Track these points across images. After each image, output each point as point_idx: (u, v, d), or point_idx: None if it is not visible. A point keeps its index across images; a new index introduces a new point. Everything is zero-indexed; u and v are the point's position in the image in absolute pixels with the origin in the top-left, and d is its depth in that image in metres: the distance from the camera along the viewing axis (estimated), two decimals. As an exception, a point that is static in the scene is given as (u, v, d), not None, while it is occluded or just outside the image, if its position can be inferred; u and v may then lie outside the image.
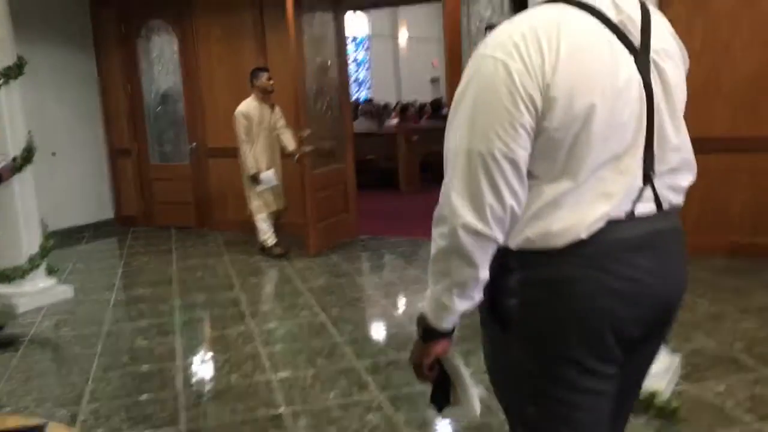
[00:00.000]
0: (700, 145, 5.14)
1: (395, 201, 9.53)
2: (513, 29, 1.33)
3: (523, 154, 1.32)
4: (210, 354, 4.31)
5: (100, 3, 8.24)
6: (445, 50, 5.67)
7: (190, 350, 4.40)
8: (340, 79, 7.18)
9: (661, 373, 3.32)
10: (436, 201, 1.40)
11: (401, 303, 5.23)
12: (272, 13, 7.09)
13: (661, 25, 1.47)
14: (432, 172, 10.42)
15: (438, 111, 13.07)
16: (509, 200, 1.33)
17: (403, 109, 12.74)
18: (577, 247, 1.36)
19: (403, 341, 4.28)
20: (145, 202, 8.45)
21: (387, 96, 16.89)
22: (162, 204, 8.35)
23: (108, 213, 8.58)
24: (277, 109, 6.59)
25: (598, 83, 1.31)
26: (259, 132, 6.43)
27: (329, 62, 7.00)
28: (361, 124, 10.72)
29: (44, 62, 7.47)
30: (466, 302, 1.42)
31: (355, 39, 17.15)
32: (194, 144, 7.97)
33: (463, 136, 1.34)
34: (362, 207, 7.53)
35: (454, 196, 1.35)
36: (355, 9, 14.68)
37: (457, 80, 1.46)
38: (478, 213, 1.33)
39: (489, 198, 1.32)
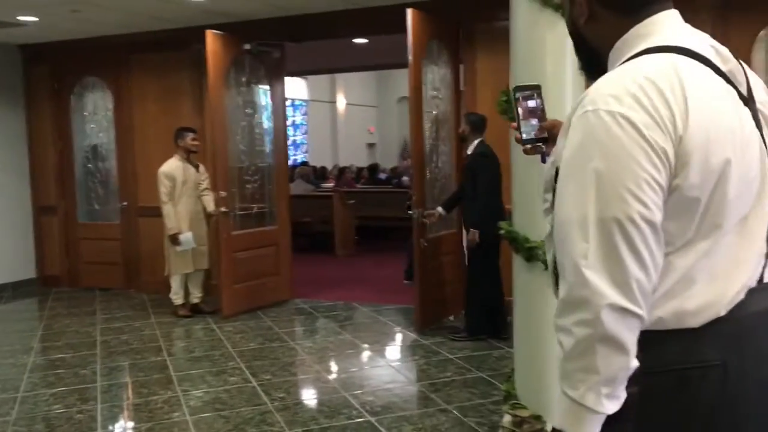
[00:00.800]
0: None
1: (330, 264, 9.48)
2: (624, 80, 1.18)
3: (660, 217, 1.15)
4: (132, 423, 4.13)
5: (33, 59, 8.11)
6: (410, 111, 5.83)
7: (112, 418, 4.21)
8: (276, 142, 7.22)
9: (592, 441, 3.35)
10: (371, 265, 1.36)
11: (334, 368, 5.15)
12: (211, 74, 7.11)
13: (754, 74, 1.35)
14: (367, 237, 10.48)
15: (374, 175, 13.25)
16: (653, 271, 1.15)
17: (340, 172, 12.85)
18: (715, 324, 1.19)
19: (336, 408, 4.20)
20: (70, 261, 8.16)
21: (324, 160, 17.02)
22: (88, 264, 8.07)
23: (30, 272, 8.23)
24: (202, 169, 6.62)
25: (729, 136, 1.19)
26: (183, 192, 6.43)
27: (264, 124, 7.09)
28: (298, 187, 10.73)
29: (-30, 115, 7.26)
30: (616, 403, 1.15)
31: (293, 102, 17.32)
32: (125, 203, 7.80)
33: (587, 204, 1.15)
34: (296, 269, 7.47)
35: (589, 274, 1.13)
36: (293, 75, 14.87)
37: (420, 141, 1.47)
38: (623, 289, 1.12)
39: (634, 270, 1.12)
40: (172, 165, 6.46)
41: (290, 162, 14.16)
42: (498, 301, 5.54)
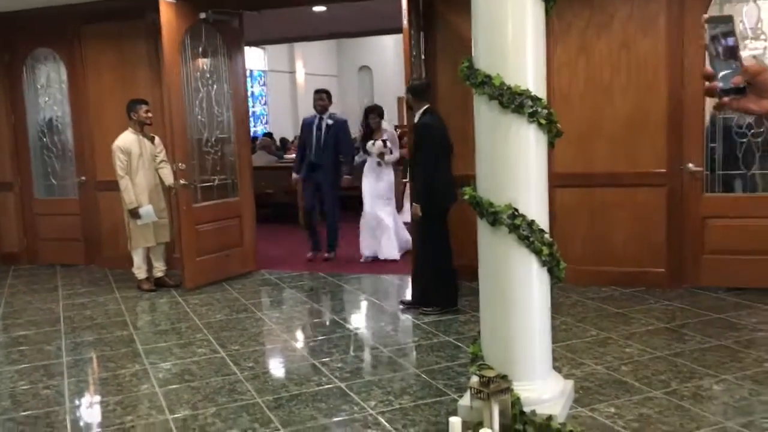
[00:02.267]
0: (584, 180, 5.50)
1: (294, 235, 9.44)
2: None
3: None
4: (100, 396, 4.11)
5: (-19, 30, 7.84)
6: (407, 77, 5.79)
7: (79, 393, 4.19)
8: (237, 113, 7.14)
9: (556, 398, 3.46)
10: (348, 235, 1.37)
11: (302, 337, 5.18)
12: (168, 44, 6.97)
13: None
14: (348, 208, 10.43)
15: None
16: None
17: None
18: None
19: (306, 375, 4.24)
20: (28, 238, 7.99)
21: (284, 131, 16.85)
22: (47, 240, 7.92)
23: (-14, 250, 8.05)
24: (158, 140, 6.54)
25: None
26: (139, 165, 6.35)
27: (224, 95, 7.01)
28: (260, 158, 10.63)
29: None
30: None
31: (252, 73, 17.06)
32: (83, 177, 7.65)
33: None
34: (260, 241, 7.46)
35: None
36: (250, 44, 14.64)
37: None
38: None
39: None
40: (127, 138, 6.37)
41: (251, 133, 14.02)
42: (449, 273, 5.45)
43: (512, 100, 3.33)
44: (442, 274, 5.43)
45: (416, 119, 5.47)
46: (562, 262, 3.50)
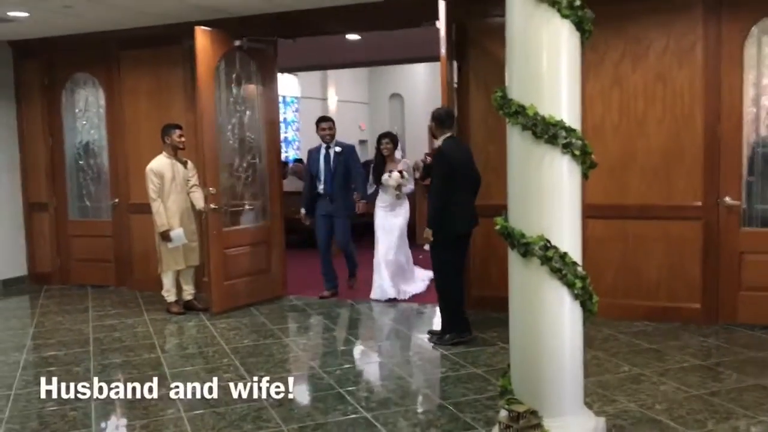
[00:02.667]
0: (616, 211, 5.43)
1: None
2: None
3: None
4: (126, 420, 4.11)
5: (23, 54, 8.04)
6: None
7: (106, 415, 4.19)
8: (270, 139, 7.20)
9: (588, 436, 3.36)
10: (363, 261, 1.35)
11: (329, 365, 5.14)
12: (203, 70, 7.08)
13: None
14: (360, 233, 10.45)
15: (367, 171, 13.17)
16: None
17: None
18: None
19: (332, 404, 4.19)
20: (62, 258, 8.11)
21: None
22: (79, 261, 8.03)
23: (20, 270, 8.17)
24: (191, 165, 6.61)
25: None
26: (171, 189, 6.42)
27: (256, 121, 7.09)
28: (291, 184, 10.69)
29: (-40, 111, 7.21)
30: None
31: (284, 99, 17.26)
32: (116, 200, 7.75)
33: None
34: (289, 266, 7.46)
35: None
36: (284, 71, 14.84)
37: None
38: None
39: None
40: (160, 162, 6.46)
41: (283, 159, 14.13)
42: (457, 301, 5.40)
43: (546, 131, 3.29)
44: (455, 301, 5.38)
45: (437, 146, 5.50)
46: (594, 296, 3.42)
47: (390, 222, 6.95)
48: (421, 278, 7.25)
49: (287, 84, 17.09)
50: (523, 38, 3.40)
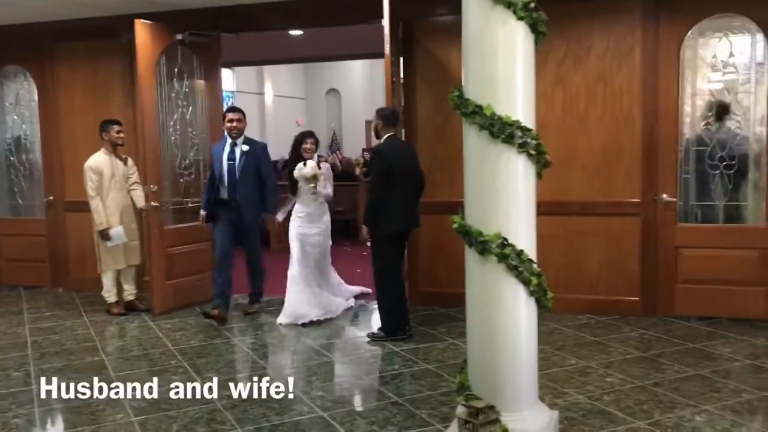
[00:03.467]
0: (559, 208, 5.56)
1: (265, 257, 9.35)
2: None
3: None
4: (73, 426, 3.97)
5: (-52, 45, 7.66)
6: (387, 101, 5.83)
7: (51, 422, 4.05)
8: (213, 134, 7.05)
9: (543, 429, 3.45)
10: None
11: (280, 364, 5.10)
12: (143, 65, 6.89)
13: None
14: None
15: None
16: None
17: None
18: None
19: (287, 404, 4.16)
20: (-8, 258, 7.77)
21: (252, 152, 16.75)
22: (10, 261, 7.71)
23: (-54, 270, 7.79)
24: (131, 162, 6.46)
25: None
26: (110, 186, 6.25)
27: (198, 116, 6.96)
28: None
29: None
30: None
31: (220, 94, 16.98)
32: (51, 197, 7.47)
33: None
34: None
35: None
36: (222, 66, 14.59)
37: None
38: None
39: None
40: (99, 158, 6.28)
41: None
42: (396, 299, 5.45)
43: (503, 130, 3.35)
44: (390, 299, 5.43)
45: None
46: (549, 292, 3.51)
47: (307, 237, 6.17)
48: (345, 296, 6.62)
49: (223, 78, 16.83)
50: (480, 39, 3.44)
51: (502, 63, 3.39)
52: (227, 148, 6.06)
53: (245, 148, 6.08)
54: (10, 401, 4.32)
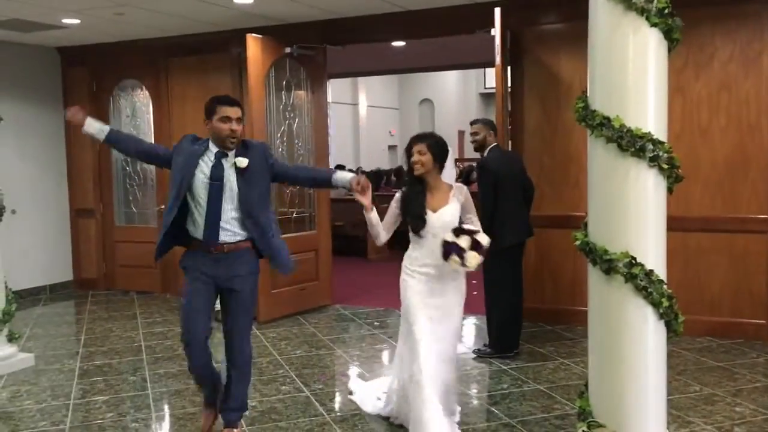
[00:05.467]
0: (678, 224, 5.26)
1: (364, 268, 9.43)
2: None
3: None
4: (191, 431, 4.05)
5: (72, 61, 8.09)
6: (497, 113, 5.78)
7: (168, 428, 4.13)
8: (318, 145, 7.14)
9: (673, 461, 3.24)
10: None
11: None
12: (252, 77, 7.05)
13: None
14: (399, 240, 10.38)
15: (400, 179, 13.15)
16: None
17: (377, 177, 12.84)
18: None
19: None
20: (107, 264, 8.12)
21: (345, 162, 16.92)
22: (125, 267, 8.04)
23: (66, 275, 8.21)
24: None
25: None
26: None
27: (304, 128, 7.04)
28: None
29: (8, 117, 7.21)
30: None
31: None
32: (162, 206, 7.73)
33: None
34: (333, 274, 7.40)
35: None
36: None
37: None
38: None
39: None
40: None
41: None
42: (512, 314, 5.27)
43: (632, 144, 3.17)
44: (504, 314, 5.26)
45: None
46: (680, 316, 3.30)
47: (437, 301, 3.76)
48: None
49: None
50: (608, 46, 3.28)
51: (633, 72, 3.21)
52: (208, 160, 3.65)
53: (242, 163, 3.59)
54: (128, 405, 4.45)
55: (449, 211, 3.78)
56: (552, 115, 6.14)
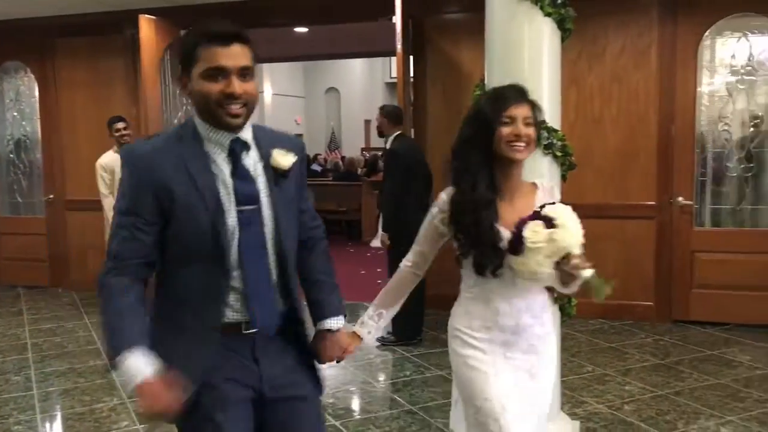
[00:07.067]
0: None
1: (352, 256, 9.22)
2: None
3: None
4: (78, 433, 3.84)
5: (-53, 39, 7.51)
6: (399, 100, 5.70)
7: (54, 429, 3.91)
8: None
9: (566, 440, 3.33)
10: None
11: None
12: (147, 61, 6.75)
13: None
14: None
15: (308, 167, 13.02)
16: None
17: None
18: None
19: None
20: (-10, 257, 7.63)
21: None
22: (9, 260, 7.56)
23: (-56, 269, 7.65)
24: None
25: None
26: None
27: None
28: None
29: None
30: None
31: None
32: (51, 196, 7.33)
33: None
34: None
35: None
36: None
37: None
38: None
39: None
40: (110, 156, 6.10)
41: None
42: (416, 302, 5.31)
43: (528, 131, 3.22)
44: (407, 302, 5.24)
45: (388, 145, 5.34)
46: (573, 299, 3.39)
47: (524, 385, 2.23)
48: None
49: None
50: (505, 35, 3.32)
51: (528, 61, 3.28)
52: (222, 166, 1.84)
53: (286, 159, 1.91)
54: (11, 407, 4.18)
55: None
56: (453, 103, 6.19)
